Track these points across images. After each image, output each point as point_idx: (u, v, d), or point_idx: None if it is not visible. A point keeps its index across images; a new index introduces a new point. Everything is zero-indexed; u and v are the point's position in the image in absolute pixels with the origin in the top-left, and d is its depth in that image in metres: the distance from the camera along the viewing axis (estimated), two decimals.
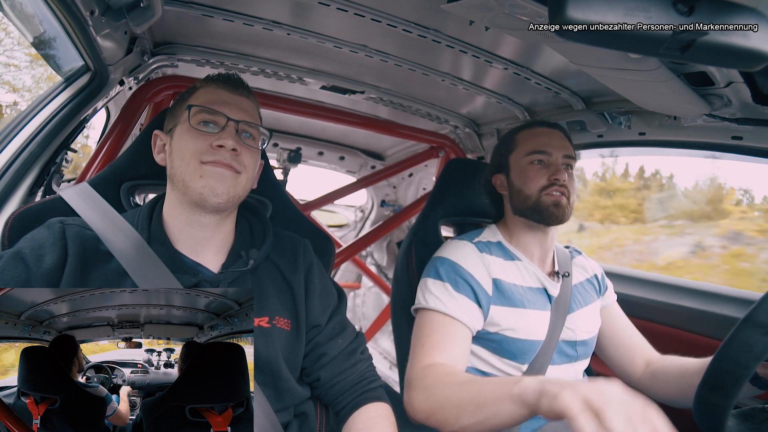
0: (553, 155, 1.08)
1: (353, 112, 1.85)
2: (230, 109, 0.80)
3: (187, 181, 0.76)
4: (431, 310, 0.99)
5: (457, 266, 1.03)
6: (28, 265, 0.70)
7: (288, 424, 0.83)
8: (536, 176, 1.08)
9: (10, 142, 1.01)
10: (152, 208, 0.83)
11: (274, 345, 0.81)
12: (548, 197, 1.06)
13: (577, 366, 1.09)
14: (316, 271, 0.91)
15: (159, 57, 1.35)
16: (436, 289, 1.01)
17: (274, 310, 0.83)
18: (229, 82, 0.84)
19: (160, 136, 0.85)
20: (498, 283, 1.04)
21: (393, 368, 2.85)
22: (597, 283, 1.21)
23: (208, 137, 0.77)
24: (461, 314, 0.98)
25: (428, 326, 0.98)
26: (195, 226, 0.80)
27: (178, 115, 0.82)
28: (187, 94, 0.84)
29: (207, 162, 0.76)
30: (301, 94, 1.72)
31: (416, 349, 0.96)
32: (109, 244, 0.76)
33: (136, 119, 1.41)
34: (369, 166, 2.65)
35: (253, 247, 0.85)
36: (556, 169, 1.07)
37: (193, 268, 0.79)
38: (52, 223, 0.76)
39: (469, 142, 1.96)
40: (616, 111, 1.34)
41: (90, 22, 0.91)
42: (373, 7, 1.03)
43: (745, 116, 1.03)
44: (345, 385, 0.87)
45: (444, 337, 0.96)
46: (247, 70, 1.45)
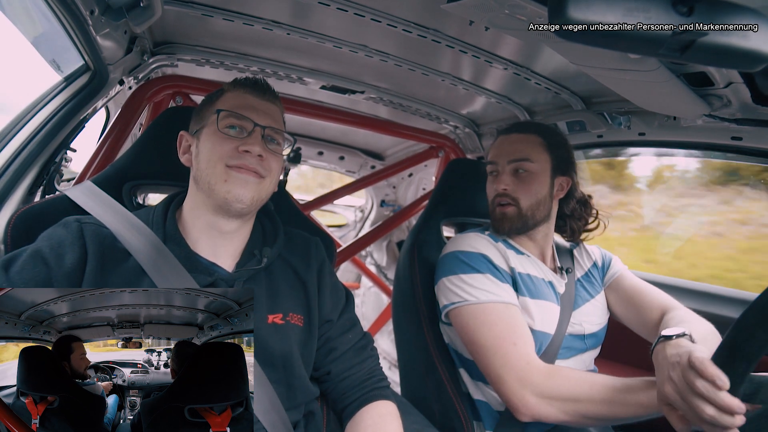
0: (499, 164, 1.10)
1: (353, 111, 1.85)
2: (257, 115, 0.81)
3: (212, 184, 0.77)
4: (488, 303, 0.98)
5: (486, 257, 1.04)
6: (48, 264, 0.71)
7: (297, 423, 0.84)
8: (490, 189, 1.12)
9: (9, 142, 1.01)
10: (167, 207, 0.84)
11: (289, 341, 0.81)
12: (498, 209, 1.09)
13: (586, 356, 1.09)
14: (327, 268, 0.93)
15: (159, 56, 1.35)
16: (479, 282, 1.00)
17: (288, 307, 0.84)
18: (257, 87, 0.85)
19: (185, 137, 0.86)
20: (514, 272, 1.05)
21: (393, 369, 2.85)
22: (598, 269, 1.20)
23: (235, 141, 0.78)
24: (514, 299, 1.00)
25: (496, 320, 0.97)
26: (215, 230, 0.81)
27: (205, 118, 0.83)
28: (214, 96, 0.85)
29: (232, 166, 0.77)
30: (301, 94, 1.71)
31: (501, 345, 0.94)
32: (126, 242, 0.77)
33: (135, 119, 1.41)
34: (369, 166, 2.65)
35: (266, 246, 0.86)
36: (500, 180, 1.09)
37: (208, 268, 0.80)
38: (68, 222, 0.76)
39: (469, 142, 1.96)
40: (615, 111, 1.34)
41: (90, 22, 0.91)
42: (373, 7, 1.03)
43: (745, 117, 1.03)
44: (355, 380, 0.88)
45: (517, 326, 0.97)
46: (247, 69, 1.45)
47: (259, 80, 0.86)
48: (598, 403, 0.85)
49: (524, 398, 0.90)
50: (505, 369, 0.93)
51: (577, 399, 0.86)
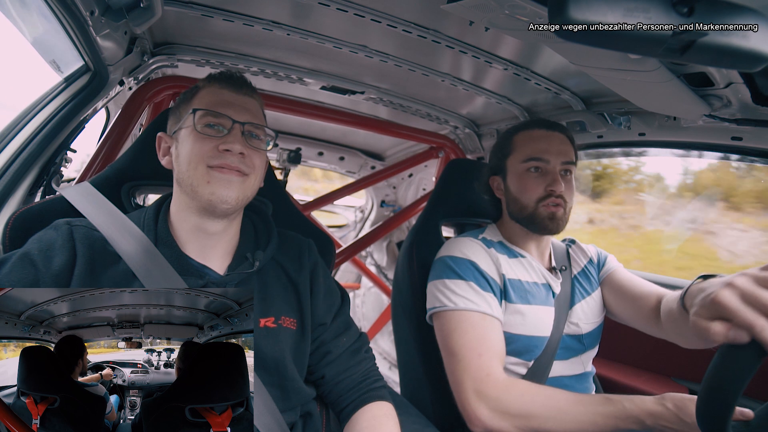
0: (551, 162, 1.05)
1: (353, 112, 1.85)
2: (235, 111, 0.79)
3: (195, 186, 0.76)
4: (465, 310, 0.97)
5: (474, 264, 1.02)
6: (36, 266, 0.70)
7: (293, 425, 0.83)
8: (533, 186, 1.05)
9: (9, 142, 1.01)
10: (158, 209, 0.83)
11: (281, 345, 0.81)
12: (545, 209, 1.03)
13: (584, 357, 1.09)
14: (321, 270, 0.92)
15: (159, 57, 1.35)
16: (461, 289, 0.99)
17: (280, 310, 0.83)
18: (232, 81, 0.82)
19: (164, 139, 0.84)
20: (505, 279, 1.04)
21: (393, 369, 2.85)
22: (594, 266, 1.20)
23: (214, 140, 0.76)
24: (494, 310, 0.98)
25: (468, 328, 0.96)
26: (202, 232, 0.80)
27: (181, 117, 0.81)
28: (189, 94, 0.83)
29: (214, 166, 0.75)
30: (301, 95, 1.72)
31: (466, 354, 0.94)
32: (117, 245, 0.76)
33: (136, 119, 1.41)
34: (369, 167, 2.65)
35: (258, 249, 0.85)
36: (553, 179, 1.03)
37: (199, 271, 0.79)
38: (59, 225, 0.76)
39: (469, 143, 1.96)
40: (615, 111, 1.34)
41: (90, 22, 0.91)
42: (373, 7, 1.03)
43: (745, 117, 1.03)
44: (349, 383, 0.87)
45: (488, 337, 0.95)
46: (247, 70, 1.45)
47: (234, 74, 0.84)
48: (552, 419, 0.85)
49: (478, 410, 0.90)
50: (465, 378, 0.93)
51: (529, 415, 0.87)
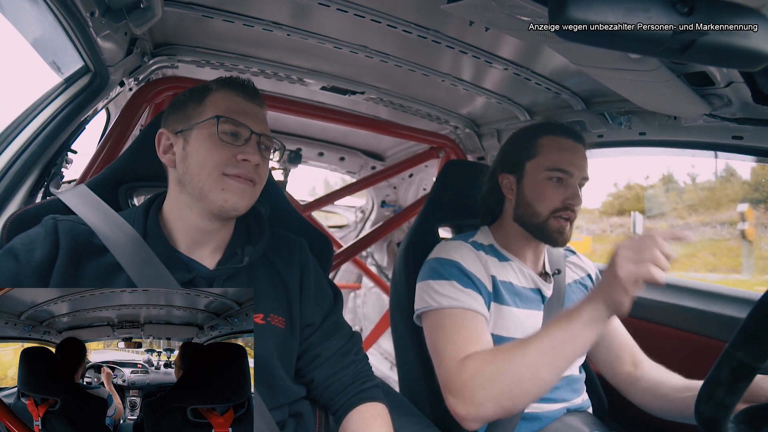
0: (575, 176, 1.03)
1: (353, 112, 1.85)
2: (252, 121, 0.79)
3: (205, 191, 0.76)
4: (446, 308, 0.96)
5: (458, 264, 1.01)
6: (18, 259, 0.70)
7: (284, 423, 0.83)
8: (552, 196, 1.03)
9: (10, 144, 1.01)
10: (149, 205, 0.83)
11: (268, 342, 0.81)
12: (556, 222, 1.02)
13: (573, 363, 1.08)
14: (312, 270, 0.91)
15: (159, 58, 1.35)
16: (443, 289, 0.99)
17: (269, 308, 0.83)
18: (246, 90, 0.82)
19: (166, 135, 0.82)
20: (495, 280, 1.03)
21: (393, 368, 2.85)
22: (592, 281, 1.19)
23: (233, 149, 0.77)
24: (476, 305, 0.96)
25: (449, 324, 0.95)
26: (198, 230, 0.80)
27: (192, 118, 0.79)
28: (199, 95, 0.81)
29: (230, 175, 0.76)
30: (301, 95, 1.71)
31: (445, 348, 0.92)
32: (104, 238, 0.76)
33: (136, 120, 1.41)
34: (369, 167, 2.65)
35: (249, 245, 0.85)
36: (573, 193, 1.02)
37: (187, 264, 0.79)
38: (45, 220, 0.76)
39: (470, 143, 1.96)
40: (616, 111, 1.34)
41: (90, 23, 0.91)
42: (373, 7, 1.03)
43: (746, 116, 1.03)
44: (339, 386, 0.86)
45: (470, 330, 0.93)
46: (247, 71, 1.45)
47: (246, 82, 0.84)
48: (520, 377, 0.81)
49: (455, 408, 0.85)
50: (440, 374, 0.91)
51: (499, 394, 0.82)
